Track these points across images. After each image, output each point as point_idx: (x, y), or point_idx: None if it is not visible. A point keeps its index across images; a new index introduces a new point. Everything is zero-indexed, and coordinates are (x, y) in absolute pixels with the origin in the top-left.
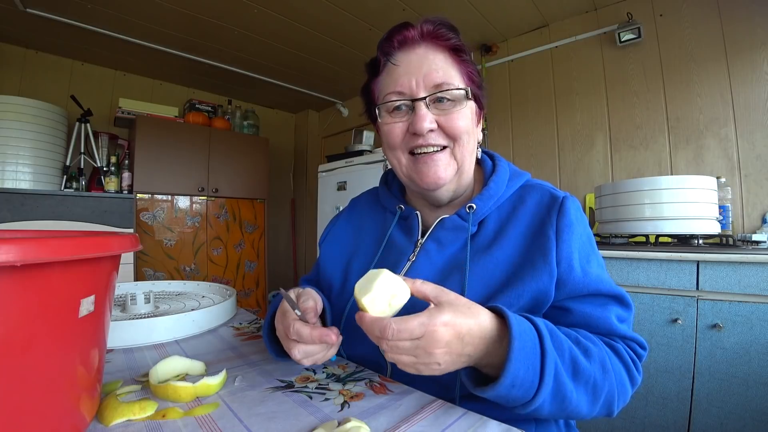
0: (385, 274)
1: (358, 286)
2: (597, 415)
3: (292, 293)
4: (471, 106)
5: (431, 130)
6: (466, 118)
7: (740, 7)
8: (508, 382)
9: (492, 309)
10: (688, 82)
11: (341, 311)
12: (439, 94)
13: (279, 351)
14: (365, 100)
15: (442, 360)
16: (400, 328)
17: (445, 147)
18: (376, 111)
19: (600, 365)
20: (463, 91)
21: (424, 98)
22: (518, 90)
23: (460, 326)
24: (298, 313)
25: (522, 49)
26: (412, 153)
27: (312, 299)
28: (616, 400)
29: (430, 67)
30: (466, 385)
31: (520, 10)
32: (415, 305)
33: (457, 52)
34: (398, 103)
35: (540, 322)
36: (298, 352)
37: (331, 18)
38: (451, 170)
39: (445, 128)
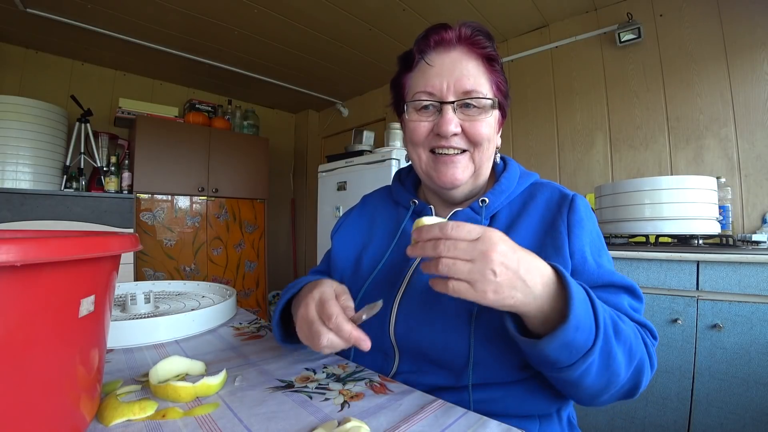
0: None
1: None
2: (624, 387)
3: (329, 287)
4: (495, 114)
5: (455, 134)
6: (489, 126)
7: (740, 6)
8: (573, 322)
9: None
10: (688, 82)
11: (353, 300)
12: (468, 101)
13: (284, 336)
14: (394, 93)
15: (499, 269)
16: (460, 224)
17: (465, 151)
18: (405, 107)
19: (632, 331)
20: (490, 101)
21: (452, 102)
22: (518, 90)
23: (516, 247)
24: (365, 317)
25: (522, 49)
26: (432, 151)
27: (350, 297)
28: (644, 374)
29: (462, 73)
30: (522, 344)
31: (520, 10)
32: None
33: (489, 61)
34: (426, 103)
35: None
36: (326, 339)
37: (331, 18)
38: (468, 173)
39: (468, 133)
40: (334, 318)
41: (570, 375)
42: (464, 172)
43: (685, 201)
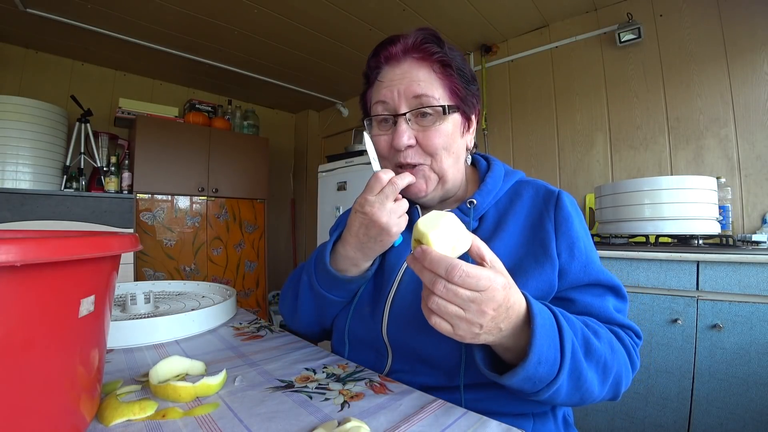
0: (452, 216)
1: (423, 221)
2: (604, 398)
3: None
4: (453, 119)
5: (409, 146)
6: (444, 135)
7: (740, 7)
8: (534, 359)
9: None
10: (688, 82)
11: (348, 305)
12: (420, 109)
13: (330, 282)
14: (362, 107)
15: (486, 324)
16: (470, 273)
17: (422, 164)
18: (366, 122)
19: (608, 345)
20: (441, 107)
21: (405, 114)
22: (518, 90)
23: (511, 296)
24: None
25: (522, 49)
26: (400, 165)
27: None
28: (623, 382)
29: (412, 80)
30: (488, 376)
31: (520, 10)
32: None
33: (443, 66)
34: (384, 115)
35: (550, 305)
36: (384, 173)
37: (331, 18)
38: (432, 183)
39: (422, 145)
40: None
41: (538, 398)
42: (428, 183)
43: (685, 201)
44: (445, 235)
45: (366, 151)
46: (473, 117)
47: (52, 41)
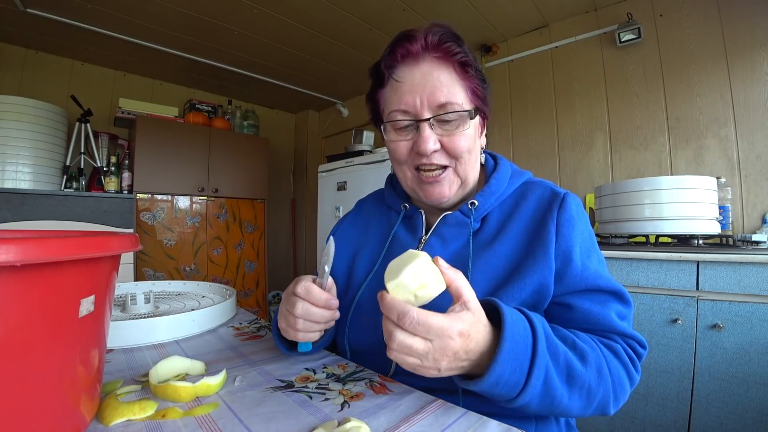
0: (421, 260)
1: (391, 266)
2: (589, 415)
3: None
4: (475, 122)
5: (435, 151)
6: (468, 138)
7: (740, 7)
8: (492, 380)
9: (491, 304)
10: (688, 82)
11: (347, 308)
12: (444, 116)
13: (289, 345)
14: (371, 108)
15: (444, 368)
16: (420, 320)
17: (447, 166)
18: (382, 127)
19: (596, 370)
20: (467, 112)
21: (429, 119)
22: (518, 90)
23: (470, 341)
24: (327, 268)
25: (522, 49)
26: (417, 169)
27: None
28: (611, 403)
29: (435, 85)
30: (454, 380)
31: (520, 10)
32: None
33: (463, 67)
34: (403, 123)
35: (539, 324)
36: (299, 307)
37: (331, 18)
38: (455, 187)
39: (447, 149)
40: (302, 285)
41: (504, 407)
42: (451, 188)
43: (685, 201)
44: (405, 283)
45: (364, 151)
46: (488, 117)
47: (52, 41)
